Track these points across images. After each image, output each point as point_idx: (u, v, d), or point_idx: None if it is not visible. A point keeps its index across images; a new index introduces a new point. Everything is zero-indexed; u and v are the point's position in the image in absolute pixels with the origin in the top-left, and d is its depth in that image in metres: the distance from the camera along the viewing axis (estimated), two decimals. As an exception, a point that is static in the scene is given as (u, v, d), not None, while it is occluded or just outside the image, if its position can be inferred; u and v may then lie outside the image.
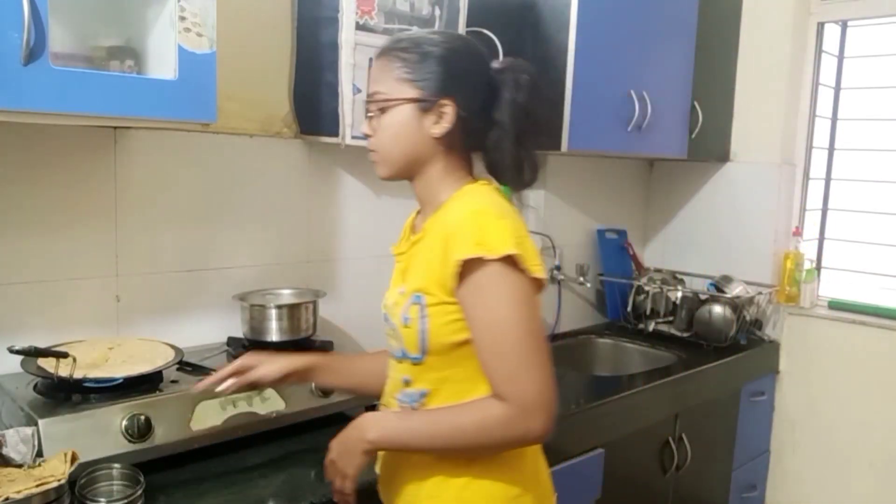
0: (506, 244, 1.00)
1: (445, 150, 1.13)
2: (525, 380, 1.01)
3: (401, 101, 1.10)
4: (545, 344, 1.03)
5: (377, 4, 1.75)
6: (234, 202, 1.78)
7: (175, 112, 1.32)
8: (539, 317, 1.05)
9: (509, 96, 1.10)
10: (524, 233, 1.07)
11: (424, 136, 1.11)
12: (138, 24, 1.39)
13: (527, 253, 1.03)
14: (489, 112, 1.11)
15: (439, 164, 1.13)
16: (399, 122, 1.11)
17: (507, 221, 1.04)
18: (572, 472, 1.80)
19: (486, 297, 1.02)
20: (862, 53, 2.76)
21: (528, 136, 1.12)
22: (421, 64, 1.10)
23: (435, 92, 1.09)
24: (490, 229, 1.02)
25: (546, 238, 2.54)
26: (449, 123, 1.10)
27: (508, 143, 1.11)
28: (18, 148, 1.45)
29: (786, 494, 2.81)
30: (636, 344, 2.61)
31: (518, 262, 1.01)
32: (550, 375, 1.03)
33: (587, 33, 2.06)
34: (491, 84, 1.12)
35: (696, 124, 2.56)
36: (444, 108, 1.09)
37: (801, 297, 2.71)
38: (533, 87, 1.12)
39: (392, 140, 1.12)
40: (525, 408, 1.01)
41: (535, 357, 1.02)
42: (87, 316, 1.57)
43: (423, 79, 1.09)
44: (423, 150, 1.12)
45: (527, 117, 1.11)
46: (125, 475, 1.21)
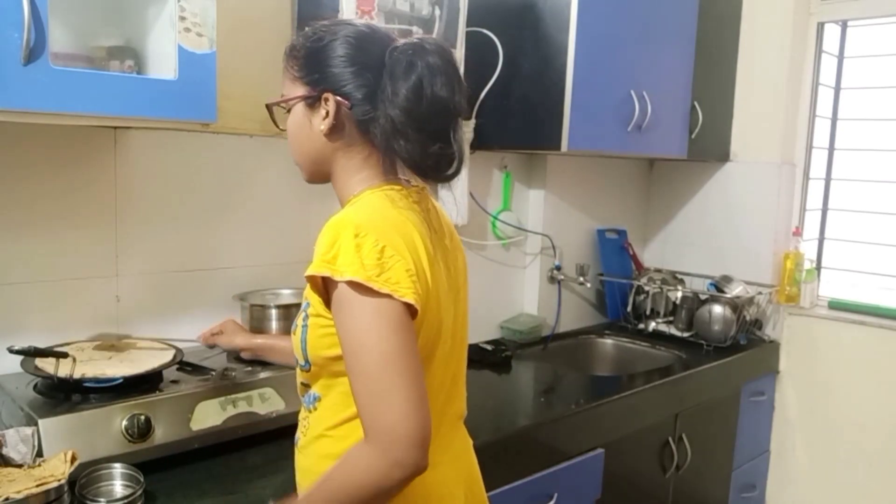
0: (352, 266, 0.92)
1: (343, 148, 1.06)
2: (382, 410, 0.90)
3: (291, 101, 1.07)
4: (410, 370, 0.92)
5: (377, 4, 1.75)
6: (234, 202, 1.78)
7: (175, 112, 1.32)
8: (405, 339, 0.93)
9: (394, 80, 0.99)
10: (395, 251, 0.95)
11: (317, 135, 1.05)
12: (138, 24, 1.39)
13: (386, 275, 0.92)
14: (374, 99, 1.02)
15: (339, 163, 1.07)
16: (295, 122, 1.08)
17: (365, 240, 0.93)
18: (572, 472, 1.80)
19: (342, 319, 0.94)
20: (862, 53, 2.76)
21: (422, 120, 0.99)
22: (307, 59, 1.05)
23: (317, 85, 1.04)
24: (343, 248, 0.93)
25: (546, 238, 2.54)
26: (332, 118, 1.03)
27: (387, 129, 1.00)
28: (18, 148, 1.45)
29: (786, 494, 2.81)
30: (636, 344, 2.62)
31: (366, 287, 0.91)
32: (416, 404, 0.91)
33: (587, 33, 2.06)
34: (382, 71, 1.01)
35: (696, 124, 2.56)
36: (327, 101, 1.03)
37: (801, 297, 2.71)
38: (433, 68, 0.99)
39: (292, 142, 1.10)
40: (382, 445, 0.90)
41: (394, 385, 0.90)
42: (87, 316, 1.57)
43: (307, 74, 1.05)
44: (321, 150, 1.07)
45: (418, 100, 0.98)
46: (125, 475, 1.21)
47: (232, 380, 1.44)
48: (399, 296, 0.92)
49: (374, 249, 0.93)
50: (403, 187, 1.07)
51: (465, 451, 1.18)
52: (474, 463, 1.20)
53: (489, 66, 2.14)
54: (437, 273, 1.03)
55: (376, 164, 1.06)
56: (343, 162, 1.07)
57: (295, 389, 1.11)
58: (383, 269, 0.93)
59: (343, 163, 1.07)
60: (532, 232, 2.54)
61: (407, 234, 0.99)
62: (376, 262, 0.93)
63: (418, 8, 1.84)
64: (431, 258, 1.02)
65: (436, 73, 1.00)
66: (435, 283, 1.02)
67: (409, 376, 0.92)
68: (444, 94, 1.00)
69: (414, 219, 1.03)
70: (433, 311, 1.01)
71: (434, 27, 1.89)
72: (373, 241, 0.94)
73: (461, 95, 1.04)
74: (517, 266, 2.56)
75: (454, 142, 1.04)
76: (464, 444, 1.18)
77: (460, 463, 1.14)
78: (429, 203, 1.13)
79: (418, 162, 1.02)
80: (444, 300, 1.06)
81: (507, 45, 2.14)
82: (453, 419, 1.15)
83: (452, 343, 1.11)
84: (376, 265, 0.93)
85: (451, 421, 1.14)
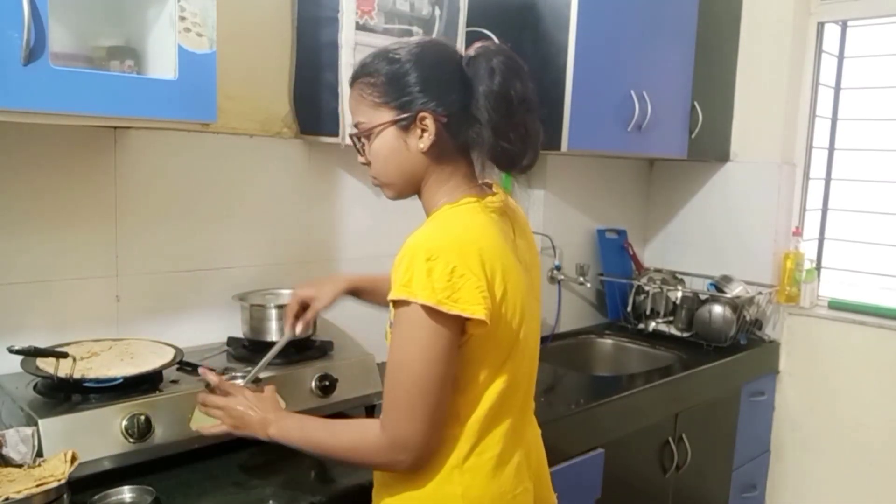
0: (425, 291, 0.99)
1: (438, 161, 1.11)
2: (403, 419, 1.03)
3: (381, 126, 1.10)
4: (439, 394, 1.03)
5: (377, 4, 1.75)
6: (234, 202, 1.78)
7: (175, 112, 1.32)
8: (448, 367, 1.03)
9: (483, 87, 1.06)
10: (467, 269, 1.01)
11: (414, 153, 1.10)
12: (138, 24, 1.39)
13: (457, 294, 1.00)
14: (468, 109, 1.08)
15: (432, 176, 1.12)
16: (386, 146, 1.11)
17: (437, 263, 1.00)
18: (572, 472, 1.80)
19: (398, 334, 1.04)
20: (862, 53, 2.76)
21: (514, 118, 1.08)
22: (389, 84, 1.09)
23: (410, 107, 1.08)
24: (417, 272, 1.00)
25: (546, 238, 2.54)
26: (432, 135, 1.08)
27: (489, 133, 1.07)
28: (18, 148, 1.45)
29: (786, 494, 2.81)
30: (636, 344, 2.62)
31: (436, 310, 0.99)
32: (431, 424, 1.03)
33: (587, 33, 2.06)
34: (464, 79, 1.09)
35: (696, 124, 2.56)
36: (424, 120, 1.08)
37: (801, 297, 2.71)
38: (508, 68, 1.07)
39: (385, 165, 1.13)
40: (395, 443, 1.03)
41: (421, 403, 1.02)
42: (87, 316, 1.57)
43: (395, 98, 1.08)
44: (418, 166, 1.12)
45: (507, 101, 1.07)
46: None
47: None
48: (468, 314, 1.00)
49: (446, 271, 1.00)
50: (479, 198, 1.12)
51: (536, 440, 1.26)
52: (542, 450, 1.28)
53: (489, 66, 2.13)
54: (515, 279, 1.09)
55: (462, 170, 1.13)
56: (436, 175, 1.13)
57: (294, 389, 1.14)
58: (454, 290, 1.00)
59: (436, 175, 1.13)
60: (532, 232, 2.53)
61: (482, 248, 1.04)
62: (447, 284, 1.00)
63: (418, 8, 1.84)
64: (509, 266, 1.08)
65: (512, 71, 1.08)
66: (514, 290, 1.08)
67: (434, 399, 1.02)
68: (524, 90, 1.08)
69: (492, 230, 1.09)
70: (511, 316, 1.08)
71: (434, 27, 1.89)
72: (444, 262, 1.00)
73: (533, 88, 1.11)
74: (517, 266, 2.56)
75: (536, 132, 1.12)
76: (535, 433, 1.26)
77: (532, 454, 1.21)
78: (507, 207, 1.19)
79: (507, 157, 1.10)
80: (527, 300, 1.13)
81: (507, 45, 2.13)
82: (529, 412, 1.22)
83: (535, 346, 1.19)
84: (446, 287, 1.00)
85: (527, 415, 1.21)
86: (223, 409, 1.23)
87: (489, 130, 1.07)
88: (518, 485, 1.13)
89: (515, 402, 1.14)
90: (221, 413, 1.23)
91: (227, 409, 1.23)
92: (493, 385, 1.09)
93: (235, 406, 1.22)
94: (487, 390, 1.09)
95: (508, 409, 1.12)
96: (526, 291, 1.13)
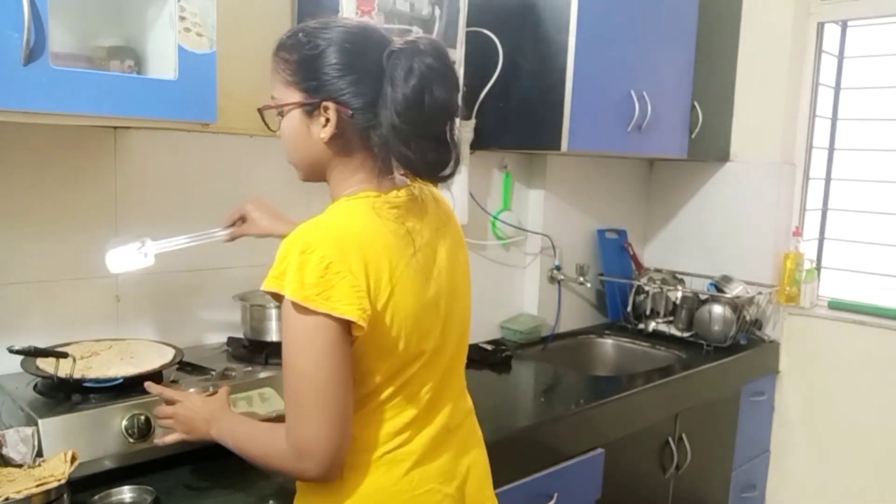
0: (292, 285, 0.94)
1: (341, 154, 1.06)
2: (300, 426, 0.98)
3: (289, 106, 1.05)
4: (335, 393, 0.96)
5: (377, 4, 1.75)
6: (234, 202, 1.78)
7: (175, 112, 1.32)
8: (336, 361, 0.96)
9: (394, 88, 0.98)
10: (343, 267, 0.95)
11: (316, 141, 1.05)
12: (138, 24, 1.39)
13: (328, 293, 0.94)
14: (376, 107, 1.01)
15: (336, 167, 1.07)
16: (290, 127, 1.07)
17: (311, 257, 0.94)
18: (572, 472, 1.80)
19: (284, 332, 0.99)
20: (862, 53, 2.76)
21: (424, 126, 1.00)
22: (301, 64, 1.03)
23: (316, 93, 1.02)
24: (291, 264, 0.95)
25: (546, 238, 2.54)
26: (333, 126, 1.02)
27: (391, 137, 0.99)
28: (18, 148, 1.45)
29: (786, 494, 2.81)
30: (636, 344, 2.62)
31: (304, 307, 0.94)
32: (331, 427, 0.97)
33: (587, 33, 2.06)
34: (380, 76, 1.00)
35: (696, 124, 2.56)
36: (328, 110, 1.02)
37: (801, 297, 2.71)
38: (430, 70, 0.99)
39: (289, 146, 1.09)
40: (296, 451, 0.98)
41: (315, 404, 0.96)
42: (87, 316, 1.57)
43: (304, 80, 1.03)
44: (320, 155, 1.06)
45: (418, 106, 0.98)
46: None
47: (232, 380, 1.44)
48: (338, 314, 0.94)
49: (319, 266, 0.94)
50: (381, 192, 1.06)
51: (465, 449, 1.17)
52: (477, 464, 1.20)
53: (489, 66, 2.14)
54: (407, 282, 1.03)
55: (371, 166, 1.06)
56: (340, 167, 1.07)
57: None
58: (326, 287, 0.94)
59: (340, 167, 1.07)
60: (532, 232, 2.54)
61: (365, 246, 0.99)
62: (318, 280, 0.94)
63: (418, 8, 1.84)
64: (400, 268, 1.02)
65: (435, 75, 0.99)
66: (404, 294, 1.02)
67: (331, 400, 0.97)
68: (444, 97, 1.00)
69: (382, 228, 1.02)
70: (399, 323, 1.02)
71: (434, 27, 1.89)
72: (319, 257, 0.95)
73: (458, 95, 1.04)
74: (517, 266, 2.56)
75: (452, 143, 1.04)
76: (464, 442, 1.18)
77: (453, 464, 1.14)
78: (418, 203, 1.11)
79: (417, 166, 1.03)
80: (424, 308, 1.06)
81: (507, 45, 2.13)
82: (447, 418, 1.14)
83: (442, 345, 1.11)
84: (318, 283, 0.94)
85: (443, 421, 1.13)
86: (173, 418, 1.22)
87: (392, 134, 0.99)
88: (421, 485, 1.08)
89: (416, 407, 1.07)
90: (172, 422, 1.22)
91: (176, 417, 1.21)
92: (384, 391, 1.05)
93: (182, 412, 1.21)
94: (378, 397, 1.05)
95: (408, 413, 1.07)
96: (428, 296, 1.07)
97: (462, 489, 1.15)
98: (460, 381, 1.20)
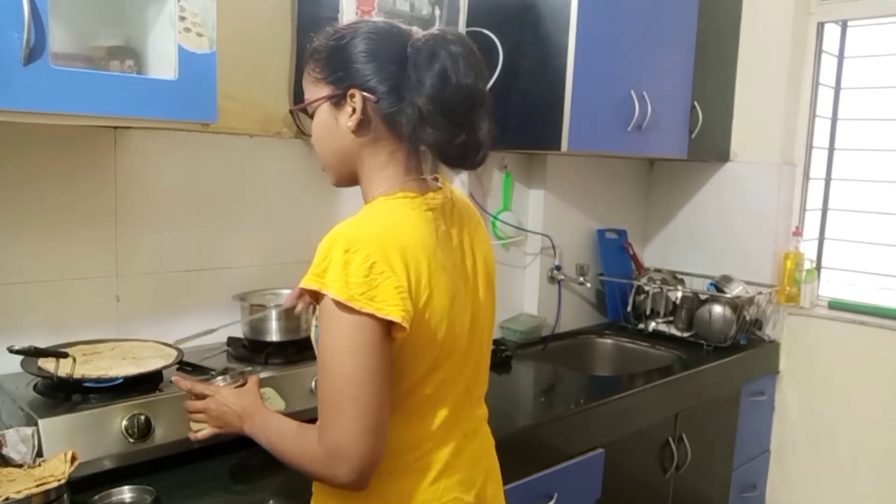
0: (336, 284, 0.92)
1: (370, 144, 1.05)
2: (332, 428, 0.95)
3: (317, 102, 1.06)
4: (371, 395, 0.94)
5: (377, 4, 1.75)
6: (234, 202, 1.78)
7: (175, 112, 1.32)
8: (376, 363, 0.94)
9: (420, 72, 0.99)
10: (387, 266, 0.94)
11: (344, 132, 1.05)
12: (138, 24, 1.39)
13: (372, 292, 0.93)
14: (401, 91, 1.01)
15: (366, 160, 1.07)
16: (321, 123, 1.07)
17: (355, 256, 0.93)
18: (572, 472, 1.80)
19: (322, 332, 0.97)
20: (862, 53, 2.76)
21: (451, 110, 0.99)
22: (328, 59, 1.05)
23: (342, 83, 1.03)
24: (334, 262, 0.94)
25: (546, 238, 2.54)
26: (359, 113, 1.02)
27: (418, 120, 0.99)
28: (18, 148, 1.45)
29: (786, 494, 2.81)
30: (636, 344, 2.62)
31: (348, 306, 0.92)
32: (366, 431, 0.94)
33: (587, 33, 2.06)
34: (405, 62, 1.01)
35: (696, 124, 2.56)
36: (353, 98, 1.02)
37: (801, 297, 2.71)
38: (456, 57, 0.99)
39: (320, 143, 1.09)
40: (329, 455, 0.95)
41: (350, 407, 0.94)
42: (87, 316, 1.57)
43: (331, 73, 1.04)
44: (348, 148, 1.06)
45: (444, 90, 0.99)
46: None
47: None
48: (383, 314, 0.93)
49: (364, 266, 0.93)
50: (418, 193, 1.05)
51: (482, 456, 1.18)
52: (492, 471, 1.20)
53: (489, 66, 2.13)
54: (444, 284, 1.02)
55: (402, 159, 1.06)
56: (370, 160, 1.06)
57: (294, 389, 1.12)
58: (370, 287, 0.93)
59: (370, 160, 1.07)
60: (532, 232, 2.54)
61: (406, 247, 0.98)
62: (363, 280, 0.93)
63: (418, 8, 1.84)
64: (437, 270, 1.01)
65: (458, 60, 1.00)
66: (441, 296, 1.02)
67: (368, 403, 0.94)
68: (468, 81, 1.00)
69: (423, 230, 1.02)
70: (436, 324, 1.01)
71: (434, 27, 1.89)
72: (363, 256, 0.94)
73: (484, 83, 1.04)
74: (517, 266, 2.56)
75: (480, 129, 1.03)
76: (482, 449, 1.18)
77: (473, 472, 1.13)
78: (449, 205, 1.11)
79: (445, 150, 1.02)
80: (459, 309, 1.06)
81: (507, 45, 2.13)
82: (470, 422, 1.15)
83: (468, 349, 1.11)
84: (363, 283, 0.93)
85: (464, 429, 1.13)
86: (204, 413, 1.21)
87: (418, 118, 0.99)
88: (447, 493, 1.06)
89: (446, 411, 1.07)
90: (204, 416, 1.21)
91: (207, 412, 1.20)
92: (417, 394, 1.04)
93: (214, 407, 1.19)
94: (410, 401, 1.04)
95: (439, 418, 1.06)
96: (460, 299, 1.06)
97: (481, 497, 1.14)
98: (482, 387, 1.20)
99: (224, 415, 1.18)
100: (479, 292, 1.14)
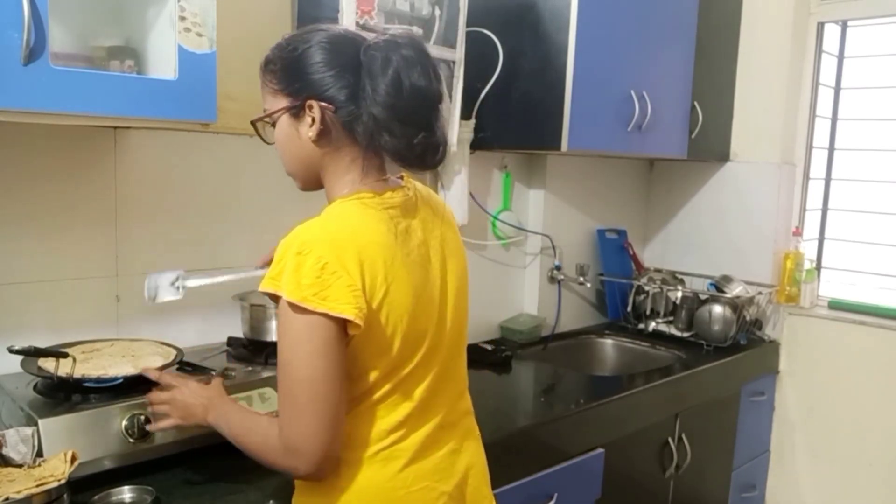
0: (290, 286, 0.96)
1: (332, 152, 1.08)
2: (291, 424, 0.99)
3: (276, 113, 1.08)
4: (326, 394, 0.97)
5: (377, 4, 1.75)
6: (234, 202, 1.78)
7: (175, 112, 1.32)
8: (331, 361, 0.98)
9: (374, 78, 1.01)
10: (339, 266, 0.97)
11: (305, 142, 1.07)
12: (138, 24, 1.39)
13: (324, 293, 0.95)
14: (357, 99, 1.03)
15: (328, 167, 1.09)
16: (282, 133, 1.10)
17: (307, 258, 0.96)
18: (572, 472, 1.80)
19: (279, 331, 1.00)
20: (862, 53, 2.76)
21: (406, 113, 1.02)
22: (283, 71, 1.07)
23: (299, 94, 1.05)
24: (288, 265, 0.97)
25: (546, 238, 2.54)
26: (318, 123, 1.05)
27: (374, 126, 1.02)
28: (19, 148, 1.45)
29: (786, 494, 2.81)
30: (636, 344, 2.62)
31: (303, 307, 0.95)
32: (322, 427, 0.98)
33: (587, 33, 2.06)
34: (359, 69, 1.03)
35: (696, 124, 2.56)
36: (311, 108, 1.05)
37: (801, 297, 2.71)
38: (409, 60, 1.02)
39: (283, 153, 1.12)
40: (288, 448, 0.99)
41: (307, 405, 0.97)
42: (87, 316, 1.57)
43: (288, 84, 1.06)
44: (310, 157, 1.09)
45: (398, 93, 1.01)
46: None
47: (232, 380, 1.44)
48: (336, 313, 0.96)
49: (315, 267, 0.96)
50: (376, 194, 1.07)
51: (464, 449, 1.18)
52: (476, 464, 1.20)
53: (489, 66, 2.14)
54: (403, 282, 1.04)
55: (363, 164, 1.08)
56: (332, 165, 1.09)
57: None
58: (322, 287, 0.96)
59: (332, 166, 1.09)
60: (532, 232, 2.54)
61: (361, 246, 1.00)
62: (315, 281, 0.96)
63: (418, 8, 1.84)
64: (395, 267, 1.03)
65: (411, 64, 1.02)
66: (399, 293, 1.03)
67: (324, 399, 0.98)
68: (422, 84, 1.03)
69: (379, 228, 1.04)
70: (395, 322, 1.03)
71: (434, 27, 1.89)
72: (315, 257, 0.96)
73: (438, 83, 1.06)
74: (517, 266, 2.56)
75: (437, 129, 1.06)
76: (463, 442, 1.18)
77: (449, 462, 1.14)
78: (412, 203, 1.12)
79: (404, 154, 1.05)
80: (420, 306, 1.07)
81: (507, 45, 2.14)
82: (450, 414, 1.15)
83: (438, 344, 1.12)
84: (314, 283, 0.95)
85: (439, 420, 1.13)
86: (169, 403, 1.23)
87: (374, 123, 1.02)
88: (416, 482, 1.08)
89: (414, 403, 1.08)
90: (168, 407, 1.23)
91: (172, 403, 1.23)
92: (382, 386, 1.05)
93: (180, 398, 1.22)
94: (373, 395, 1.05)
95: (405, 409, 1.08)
96: (425, 294, 1.08)
97: (462, 488, 1.15)
98: (459, 381, 1.20)
99: (189, 406, 1.20)
100: (450, 286, 1.15)
